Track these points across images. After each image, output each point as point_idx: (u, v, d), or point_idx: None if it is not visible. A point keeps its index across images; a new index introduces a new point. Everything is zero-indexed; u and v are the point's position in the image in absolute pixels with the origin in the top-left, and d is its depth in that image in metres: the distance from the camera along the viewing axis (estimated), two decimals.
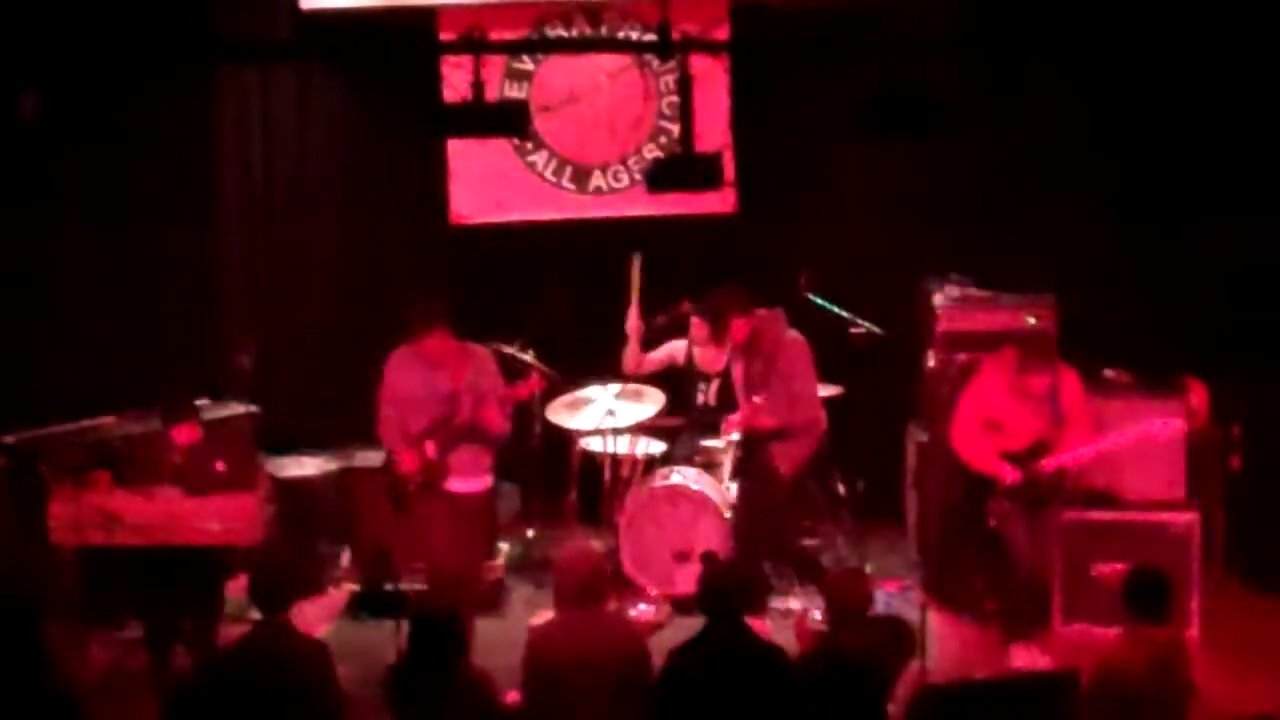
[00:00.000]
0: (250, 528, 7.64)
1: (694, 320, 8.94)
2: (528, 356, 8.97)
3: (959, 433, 8.11)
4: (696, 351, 9.13)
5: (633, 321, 8.98)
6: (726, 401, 8.95)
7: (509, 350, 8.86)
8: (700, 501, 8.63)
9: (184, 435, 7.99)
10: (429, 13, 10.03)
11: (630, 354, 9.04)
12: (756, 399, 8.36)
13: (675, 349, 9.16)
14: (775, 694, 5.83)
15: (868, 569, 8.71)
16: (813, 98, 10.12)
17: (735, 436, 8.67)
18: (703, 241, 10.18)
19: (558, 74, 10.33)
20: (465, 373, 7.82)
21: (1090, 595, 8.27)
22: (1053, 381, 7.85)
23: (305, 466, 9.30)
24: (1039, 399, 7.86)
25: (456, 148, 10.28)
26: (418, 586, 8.21)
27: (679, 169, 9.06)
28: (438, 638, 5.76)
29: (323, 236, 10.40)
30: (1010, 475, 7.90)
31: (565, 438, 9.38)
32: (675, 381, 9.21)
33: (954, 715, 5.94)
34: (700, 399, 9.12)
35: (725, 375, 9.05)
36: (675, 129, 9.78)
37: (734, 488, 8.78)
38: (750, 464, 8.48)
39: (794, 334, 8.47)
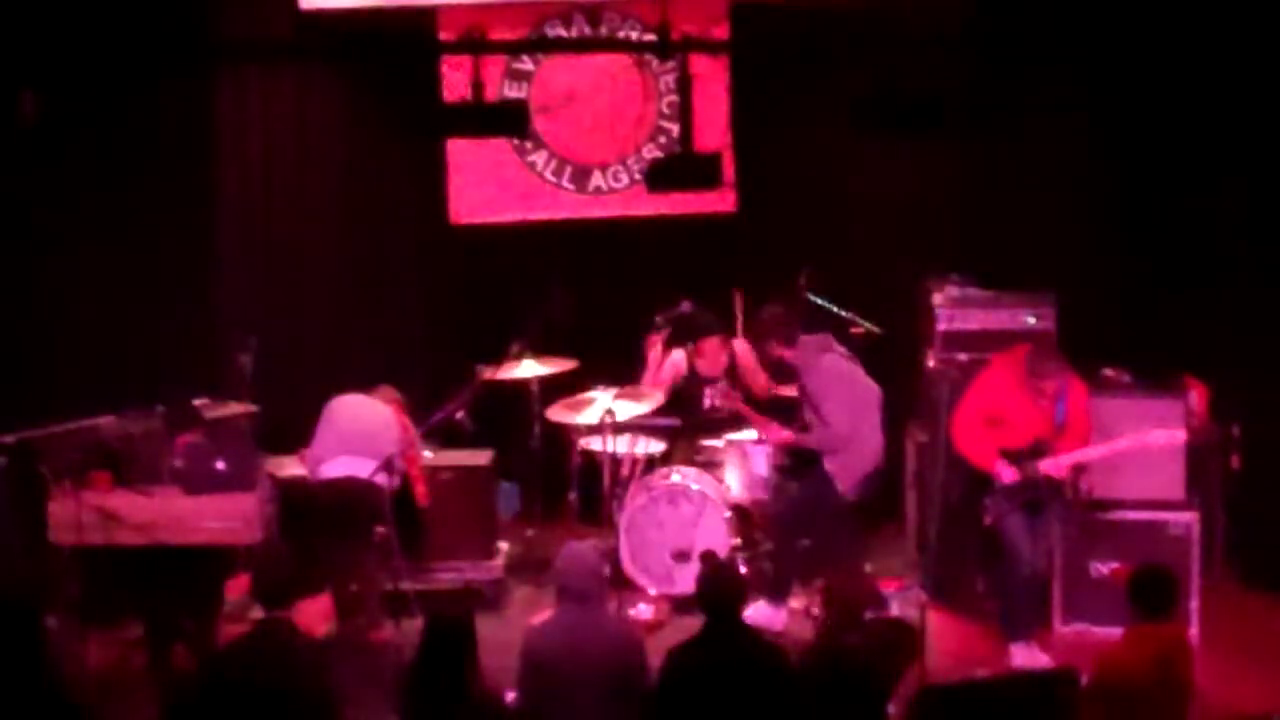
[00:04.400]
0: (250, 527, 7.64)
1: (711, 342, 9.07)
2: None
3: (960, 426, 8.11)
4: (699, 359, 9.15)
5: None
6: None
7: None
8: (700, 501, 8.64)
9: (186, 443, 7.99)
10: (429, 13, 10.03)
11: (648, 377, 9.24)
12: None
13: (677, 362, 9.21)
14: (775, 694, 5.83)
15: (868, 569, 8.73)
16: (813, 98, 10.13)
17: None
18: (702, 241, 10.19)
19: (557, 74, 10.33)
20: None
21: (1090, 595, 8.28)
22: (1063, 384, 7.86)
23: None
24: (1048, 398, 7.87)
25: (456, 148, 10.28)
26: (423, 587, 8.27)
27: (679, 169, 9.08)
28: (452, 643, 5.74)
29: (323, 236, 10.40)
30: (1007, 474, 7.90)
31: (565, 437, 9.38)
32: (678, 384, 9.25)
33: (954, 715, 5.93)
34: (706, 403, 9.14)
35: (729, 377, 9.08)
36: (675, 129, 9.81)
37: (734, 486, 8.83)
38: (806, 472, 8.49)
39: (831, 357, 8.43)
